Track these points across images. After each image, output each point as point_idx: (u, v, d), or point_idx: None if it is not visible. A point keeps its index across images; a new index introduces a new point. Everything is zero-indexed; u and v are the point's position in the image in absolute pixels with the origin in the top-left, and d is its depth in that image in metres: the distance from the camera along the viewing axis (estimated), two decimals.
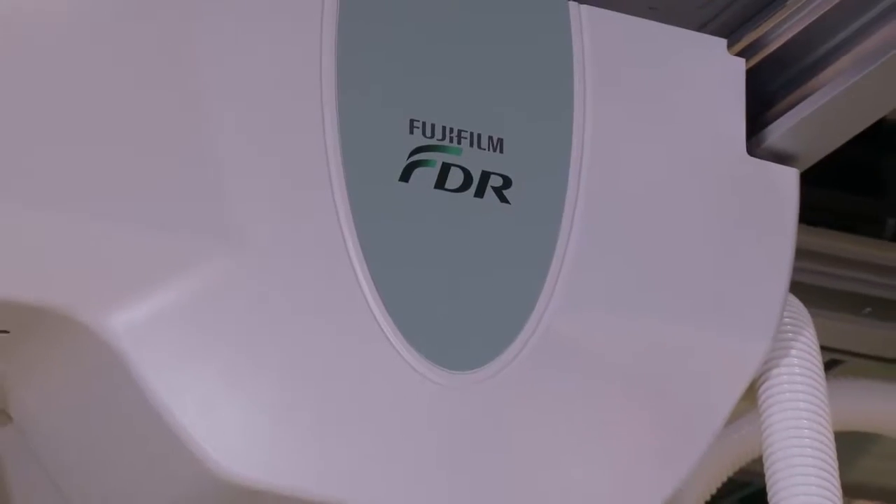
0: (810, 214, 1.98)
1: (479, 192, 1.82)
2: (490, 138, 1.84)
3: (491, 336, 1.79)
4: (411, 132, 1.80)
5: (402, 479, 1.73)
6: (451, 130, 1.82)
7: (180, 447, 1.65)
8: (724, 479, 2.30)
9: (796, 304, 1.97)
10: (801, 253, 1.96)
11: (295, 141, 1.75)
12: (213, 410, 1.66)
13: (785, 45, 2.00)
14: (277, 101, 1.75)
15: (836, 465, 1.89)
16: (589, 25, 1.89)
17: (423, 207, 1.80)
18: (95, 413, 1.75)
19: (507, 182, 1.84)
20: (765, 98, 2.00)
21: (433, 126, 1.81)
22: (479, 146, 1.83)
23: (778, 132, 1.97)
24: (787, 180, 1.97)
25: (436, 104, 1.83)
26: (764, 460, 1.90)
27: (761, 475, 1.92)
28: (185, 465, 1.66)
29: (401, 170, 1.79)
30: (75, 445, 1.79)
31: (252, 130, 1.73)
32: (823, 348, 1.98)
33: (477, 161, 1.83)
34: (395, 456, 1.73)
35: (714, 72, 1.96)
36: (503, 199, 1.82)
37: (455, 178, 1.81)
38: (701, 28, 2.02)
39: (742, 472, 2.33)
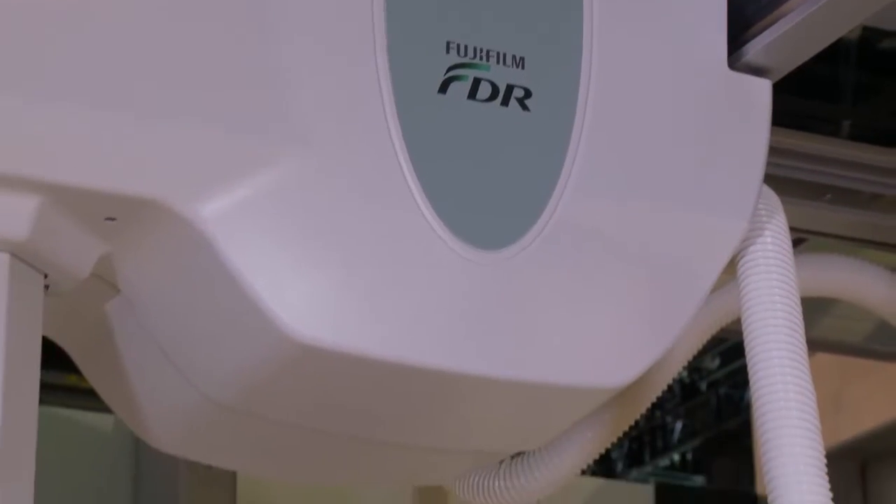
0: (779, 117, 1.99)
1: (505, 102, 1.85)
2: (513, 56, 1.87)
3: (514, 220, 1.82)
4: (447, 52, 1.83)
5: (443, 340, 1.74)
6: (481, 50, 1.84)
7: (258, 314, 1.67)
8: (709, 337, 2.32)
9: (769, 192, 1.98)
10: (771, 150, 1.98)
11: (351, 60, 1.78)
12: (284, 283, 1.68)
13: None
14: (336, 24, 1.78)
15: (801, 324, 1.89)
16: None
17: (457, 115, 1.83)
18: (187, 286, 1.77)
19: (528, 93, 1.86)
20: (743, 19, 2.00)
21: (466, 47, 1.84)
22: (504, 63, 1.86)
23: (754, 49, 1.98)
24: (761, 90, 2.00)
25: (468, 28, 1.85)
26: (742, 321, 1.91)
27: (738, 332, 1.93)
28: (262, 330, 1.68)
29: (439, 83, 1.82)
30: (172, 313, 1.81)
31: (315, 50, 1.75)
32: (791, 229, 1.99)
33: (502, 76, 1.85)
34: (435, 320, 1.75)
35: None
36: (524, 108, 1.85)
37: (484, 90, 1.84)
38: None
39: (722, 330, 2.34)
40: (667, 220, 1.89)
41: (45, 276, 1.75)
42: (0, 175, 1.63)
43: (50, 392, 3.78)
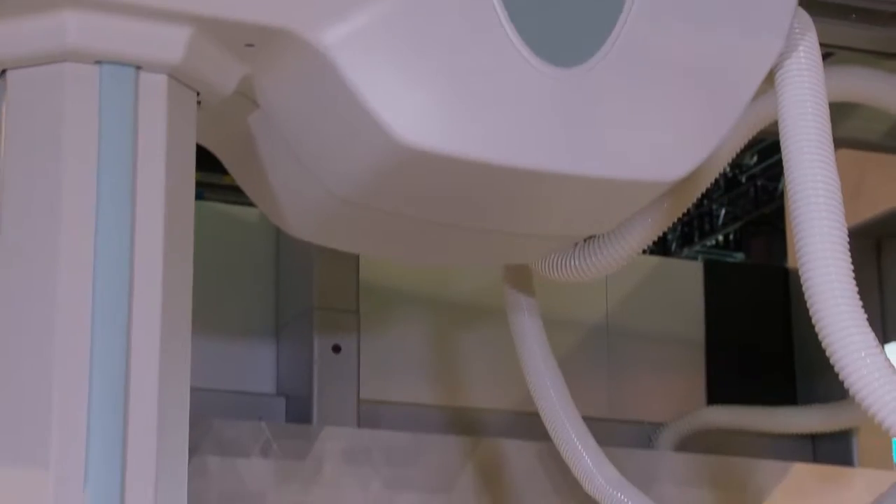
0: None
1: None
2: None
3: (587, 42, 1.79)
4: None
5: (530, 143, 1.72)
6: None
7: (375, 125, 1.66)
8: (750, 138, 2.29)
9: (802, 13, 1.93)
10: None
11: None
12: (396, 98, 1.67)
13: None
14: None
15: (829, 125, 1.86)
16: None
17: None
18: (314, 101, 1.76)
19: None
20: None
21: None
22: None
23: None
24: None
25: None
26: (779, 123, 1.88)
27: (774, 133, 1.91)
28: (378, 138, 1.67)
29: None
30: (302, 123, 1.80)
31: None
32: (821, 44, 1.94)
33: None
34: (523, 127, 1.73)
35: None
36: None
37: None
38: None
39: (759, 132, 2.32)
40: (714, 39, 1.85)
41: (198, 94, 1.75)
42: (158, 9, 1.64)
43: (207, 189, 3.81)
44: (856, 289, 1.68)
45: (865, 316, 1.69)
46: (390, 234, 1.98)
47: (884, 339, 1.62)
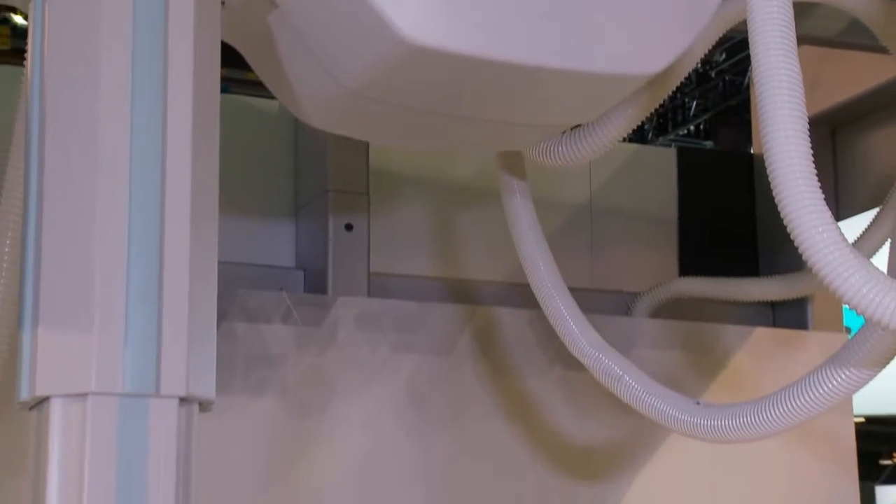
0: None
1: None
2: None
3: None
4: None
5: (523, 41, 1.70)
6: None
7: (382, 23, 1.63)
8: (720, 35, 2.26)
9: None
10: None
11: None
12: None
13: None
14: None
15: (793, 23, 1.82)
16: None
17: None
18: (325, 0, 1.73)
19: None
20: None
21: None
22: None
23: None
24: None
25: None
26: (747, 21, 1.84)
27: (741, 32, 1.88)
28: (384, 34, 1.64)
29: None
30: (315, 20, 1.77)
31: None
32: None
33: None
34: (516, 27, 1.70)
35: None
36: None
37: None
38: None
39: (729, 31, 2.29)
40: None
41: None
42: None
43: (233, 84, 3.78)
44: (814, 170, 1.67)
45: (823, 195, 1.68)
46: (397, 124, 1.96)
47: (837, 216, 1.62)
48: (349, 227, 3.09)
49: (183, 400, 1.55)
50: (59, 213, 1.56)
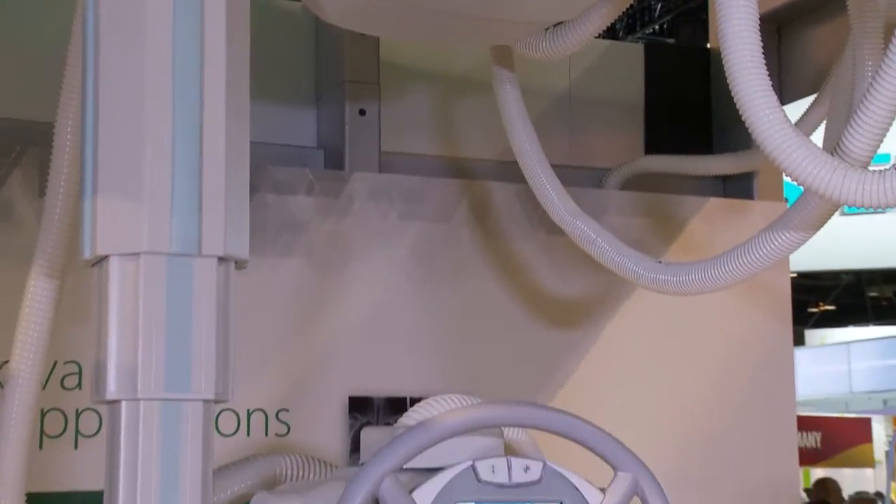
0: None
1: None
2: None
3: None
4: None
5: None
6: None
7: None
8: None
9: None
10: None
11: None
12: None
13: None
14: None
15: None
16: None
17: None
18: None
19: None
20: None
21: None
22: None
23: None
24: None
25: None
26: None
27: None
28: None
29: None
30: None
31: None
32: None
33: None
34: None
35: None
36: None
37: None
38: None
39: None
40: None
41: None
42: None
43: None
44: (763, 61, 1.64)
45: (770, 83, 1.65)
46: (403, 20, 1.93)
47: (782, 101, 1.60)
48: (362, 113, 3.06)
49: (221, 259, 1.54)
50: (113, 97, 1.54)
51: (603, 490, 1.49)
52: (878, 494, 13.30)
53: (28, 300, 1.72)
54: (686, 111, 3.60)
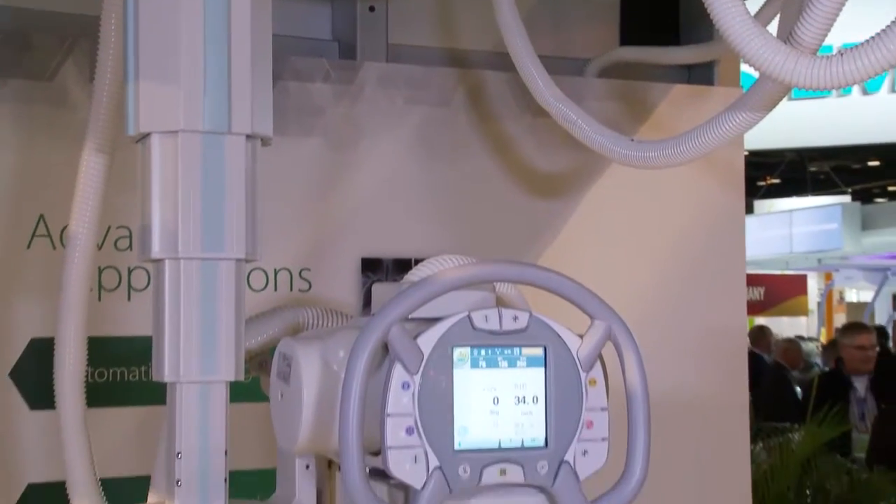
0: None
1: None
2: None
3: None
4: None
5: None
6: None
7: None
8: None
9: None
10: None
11: None
12: None
13: None
14: None
15: None
16: None
17: None
18: None
19: None
20: None
21: None
22: None
23: None
24: None
25: None
26: None
27: None
28: None
29: None
30: None
31: None
32: None
33: None
34: None
35: None
36: None
37: None
38: None
39: None
40: None
41: None
42: None
43: None
44: None
45: None
46: None
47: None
48: (372, 9, 3.00)
49: (248, 136, 1.54)
50: None
51: (581, 336, 1.49)
52: (811, 339, 13.58)
53: (82, 172, 1.71)
54: (656, 7, 3.52)
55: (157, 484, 1.66)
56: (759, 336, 10.12)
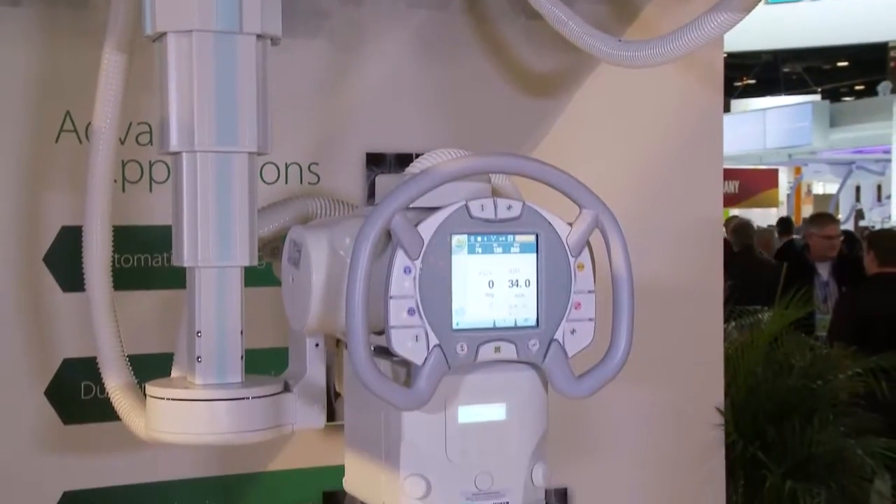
0: None
1: None
2: None
3: None
4: None
5: None
6: None
7: None
8: None
9: None
10: None
11: None
12: None
13: None
14: None
15: None
16: None
17: None
18: None
19: None
20: None
21: None
22: None
23: None
24: None
25: None
26: None
27: None
28: None
29: None
30: None
31: None
32: None
33: None
34: None
35: None
36: None
37: None
38: None
39: None
40: None
41: None
42: None
43: None
44: None
45: None
46: None
47: None
48: None
49: (259, 36, 1.50)
50: None
51: (570, 224, 1.48)
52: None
53: (103, 70, 1.67)
54: None
55: (179, 360, 1.67)
56: (732, 222, 10.22)
